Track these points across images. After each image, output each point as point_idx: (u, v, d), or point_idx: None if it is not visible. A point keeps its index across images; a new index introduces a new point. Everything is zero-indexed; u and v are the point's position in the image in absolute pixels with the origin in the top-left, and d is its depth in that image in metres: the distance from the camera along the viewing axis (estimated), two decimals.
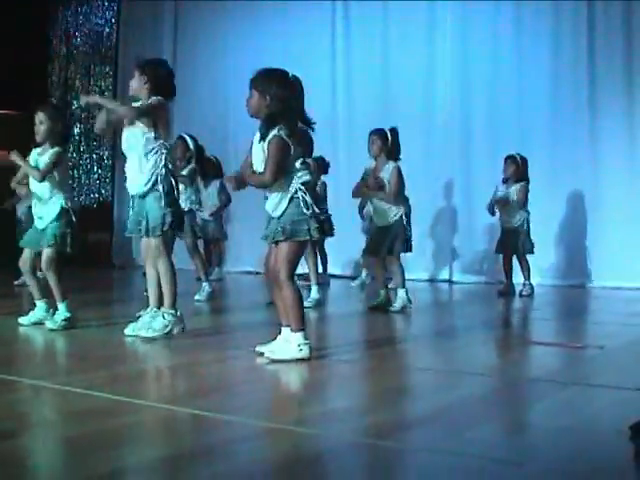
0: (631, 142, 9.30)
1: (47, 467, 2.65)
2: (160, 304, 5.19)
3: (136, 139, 5.07)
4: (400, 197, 6.78)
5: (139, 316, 5.25)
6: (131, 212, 5.25)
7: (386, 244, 6.79)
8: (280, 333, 4.53)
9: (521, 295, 8.23)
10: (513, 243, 8.29)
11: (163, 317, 5.09)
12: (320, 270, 9.61)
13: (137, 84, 5.20)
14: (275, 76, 4.46)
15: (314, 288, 7.15)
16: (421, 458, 2.74)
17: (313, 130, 4.65)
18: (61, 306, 5.59)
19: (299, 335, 4.41)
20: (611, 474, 2.57)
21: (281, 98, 4.39)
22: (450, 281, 10.16)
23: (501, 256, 8.58)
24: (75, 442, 2.84)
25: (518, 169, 8.27)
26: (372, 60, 10.81)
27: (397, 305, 6.72)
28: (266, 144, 4.39)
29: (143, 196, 5.12)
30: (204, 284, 7.64)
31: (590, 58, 9.51)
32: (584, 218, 9.56)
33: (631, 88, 9.29)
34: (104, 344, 5.11)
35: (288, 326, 4.47)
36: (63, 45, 13.30)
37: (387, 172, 6.75)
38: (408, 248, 6.88)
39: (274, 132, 4.37)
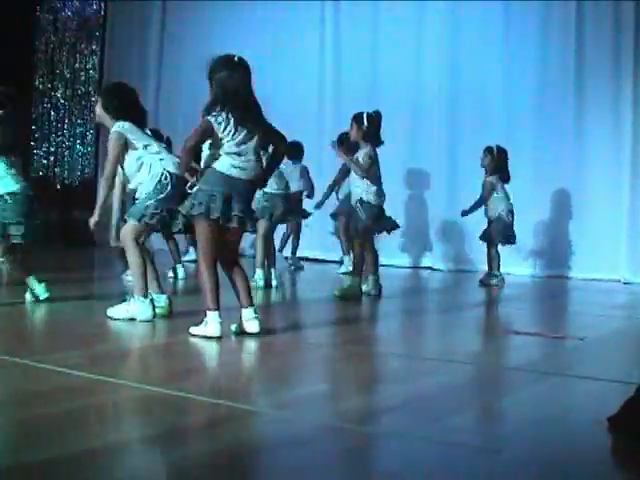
0: (616, 136, 9.29)
1: (18, 445, 2.62)
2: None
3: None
4: (369, 180, 6.66)
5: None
6: None
7: (353, 227, 6.76)
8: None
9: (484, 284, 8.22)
10: (488, 231, 8.30)
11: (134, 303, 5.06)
12: (288, 254, 9.63)
13: (99, 111, 5.25)
14: (218, 62, 4.53)
15: (258, 272, 7.17)
16: (398, 444, 2.73)
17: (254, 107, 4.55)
18: None
19: (209, 314, 4.46)
20: (589, 464, 2.56)
21: (221, 82, 4.46)
22: (431, 268, 10.16)
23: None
24: (48, 420, 2.80)
25: (493, 160, 8.26)
26: (361, 47, 10.75)
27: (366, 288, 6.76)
28: None
29: None
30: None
31: (578, 50, 9.49)
32: (566, 210, 9.57)
33: (618, 82, 9.28)
34: (83, 322, 5.07)
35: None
36: (50, 22, 13.16)
37: (360, 155, 6.71)
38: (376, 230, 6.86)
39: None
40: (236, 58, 4.52)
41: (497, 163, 8.22)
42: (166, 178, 4.99)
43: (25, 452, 2.49)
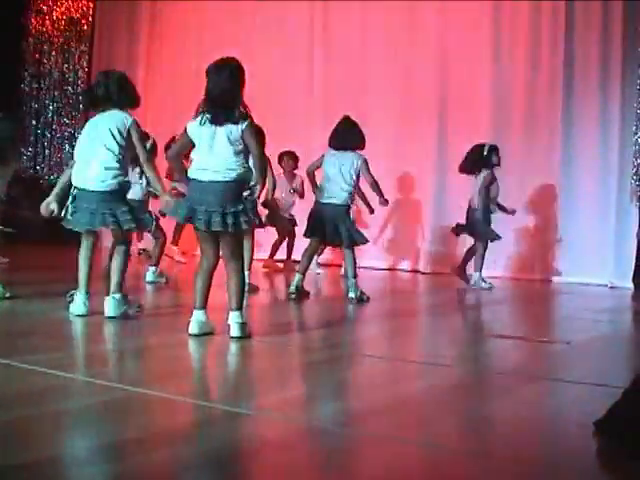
0: (604, 140, 9.32)
1: (6, 447, 2.60)
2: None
3: None
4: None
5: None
6: None
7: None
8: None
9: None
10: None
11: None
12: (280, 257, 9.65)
13: None
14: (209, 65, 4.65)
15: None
16: (382, 446, 2.72)
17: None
18: None
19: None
20: (574, 468, 2.56)
21: (206, 85, 4.60)
22: (419, 271, 10.15)
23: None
24: (29, 422, 2.78)
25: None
26: (350, 49, 10.75)
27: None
28: None
29: None
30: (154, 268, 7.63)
31: (567, 53, 9.52)
32: (555, 214, 9.59)
33: (606, 84, 9.31)
34: (67, 322, 5.04)
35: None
36: (39, 23, 13.09)
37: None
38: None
39: None
40: (223, 59, 4.58)
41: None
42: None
43: (3, 455, 2.46)
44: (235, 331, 4.53)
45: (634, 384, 2.86)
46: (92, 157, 5.05)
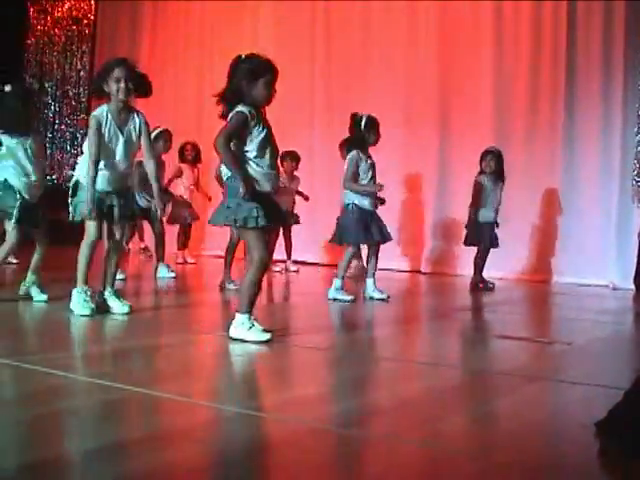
0: (606, 142, 9.32)
1: (9, 448, 2.60)
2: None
3: None
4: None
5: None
6: None
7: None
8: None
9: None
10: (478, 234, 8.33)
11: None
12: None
13: None
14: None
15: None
16: (385, 447, 2.72)
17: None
18: None
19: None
20: (575, 470, 2.56)
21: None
22: (420, 272, 10.16)
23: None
24: (33, 422, 2.78)
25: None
26: (352, 51, 10.79)
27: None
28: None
29: None
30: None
31: (569, 53, 9.53)
32: (557, 215, 9.59)
33: (608, 90, 9.31)
34: (69, 323, 5.04)
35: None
36: (41, 23, 13.11)
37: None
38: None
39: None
40: (243, 57, 4.53)
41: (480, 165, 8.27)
42: None
43: (7, 455, 2.47)
44: (230, 332, 4.52)
45: (635, 385, 2.86)
46: None
